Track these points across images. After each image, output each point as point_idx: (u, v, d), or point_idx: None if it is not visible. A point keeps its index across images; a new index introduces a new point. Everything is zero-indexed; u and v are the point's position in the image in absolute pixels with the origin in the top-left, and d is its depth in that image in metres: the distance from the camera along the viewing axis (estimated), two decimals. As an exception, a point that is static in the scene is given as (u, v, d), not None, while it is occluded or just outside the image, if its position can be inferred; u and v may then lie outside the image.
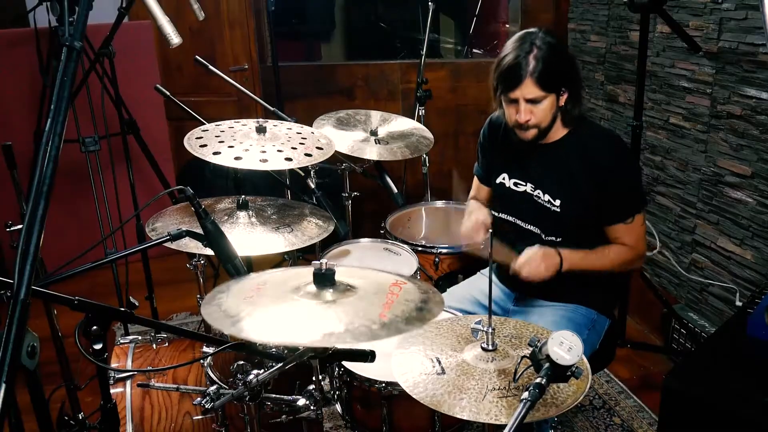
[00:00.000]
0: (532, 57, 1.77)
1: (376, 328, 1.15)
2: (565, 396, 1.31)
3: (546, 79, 1.78)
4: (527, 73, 1.77)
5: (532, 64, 1.77)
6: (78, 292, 1.22)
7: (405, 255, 2.41)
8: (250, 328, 1.16)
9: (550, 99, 1.81)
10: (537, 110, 1.82)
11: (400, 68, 3.99)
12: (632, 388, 2.69)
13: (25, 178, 3.17)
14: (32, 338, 1.05)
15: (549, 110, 1.83)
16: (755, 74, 2.42)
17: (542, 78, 1.77)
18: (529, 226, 1.97)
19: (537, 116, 1.83)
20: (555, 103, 1.83)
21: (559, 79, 1.82)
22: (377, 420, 1.76)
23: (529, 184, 1.96)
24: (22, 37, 3.27)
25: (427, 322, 1.23)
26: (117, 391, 1.81)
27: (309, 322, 1.19)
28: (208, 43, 3.84)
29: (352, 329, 1.14)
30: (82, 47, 0.95)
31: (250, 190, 2.08)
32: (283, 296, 1.29)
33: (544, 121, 1.84)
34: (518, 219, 2.00)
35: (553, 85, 1.80)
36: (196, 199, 1.44)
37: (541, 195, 1.92)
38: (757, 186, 2.45)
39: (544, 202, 1.91)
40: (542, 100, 1.81)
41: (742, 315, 1.75)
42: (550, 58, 1.77)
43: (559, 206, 1.89)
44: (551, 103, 1.82)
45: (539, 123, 1.85)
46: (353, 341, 1.12)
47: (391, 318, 1.19)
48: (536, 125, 1.85)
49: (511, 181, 2.01)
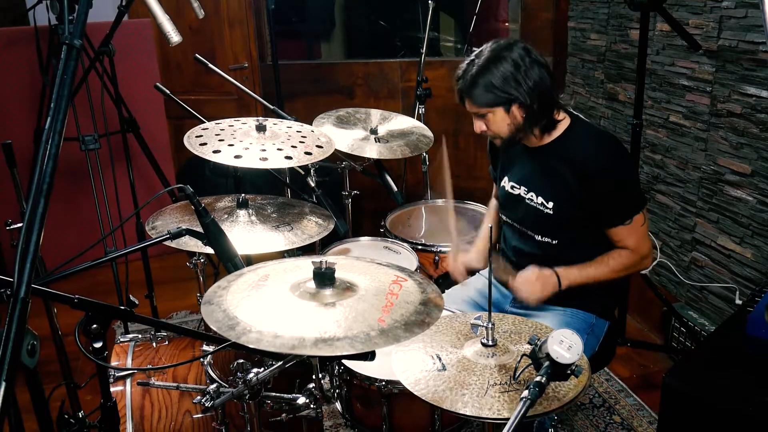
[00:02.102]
0: (470, 75, 1.81)
1: (375, 335, 1.15)
2: (566, 390, 1.31)
3: (480, 96, 1.80)
4: (463, 91, 1.83)
5: (467, 81, 1.81)
6: (78, 290, 1.22)
7: (405, 253, 2.41)
8: (246, 335, 1.16)
9: (498, 112, 1.81)
10: (489, 123, 1.84)
11: (400, 67, 3.98)
12: (632, 387, 2.69)
13: (25, 176, 3.17)
14: (32, 337, 1.05)
15: (502, 122, 1.83)
16: (755, 72, 2.41)
17: (476, 95, 1.80)
18: (525, 229, 1.98)
19: (491, 128, 1.85)
20: (506, 115, 1.82)
21: (498, 95, 1.79)
22: (377, 418, 1.76)
23: (523, 188, 1.96)
24: (22, 36, 3.27)
25: (426, 328, 1.22)
26: (117, 389, 1.81)
27: (307, 327, 1.18)
28: (208, 41, 3.84)
29: (351, 336, 1.14)
30: (82, 46, 0.95)
31: (249, 188, 2.08)
32: (281, 296, 1.29)
33: (501, 132, 1.85)
34: (516, 222, 2.01)
35: (491, 102, 1.80)
36: (196, 197, 1.44)
37: (534, 198, 1.93)
38: (757, 184, 2.45)
39: (538, 205, 1.91)
40: (488, 114, 1.82)
41: (742, 313, 1.74)
42: (485, 77, 1.78)
43: (552, 209, 1.88)
44: (501, 116, 1.82)
45: (497, 134, 1.86)
46: (351, 350, 1.12)
47: (390, 324, 1.18)
48: (495, 136, 1.87)
49: (509, 183, 2.02)
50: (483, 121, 1.85)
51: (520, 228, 2.00)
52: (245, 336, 1.15)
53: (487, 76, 1.78)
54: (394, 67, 3.99)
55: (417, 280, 1.41)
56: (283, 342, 1.13)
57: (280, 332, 1.16)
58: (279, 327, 1.18)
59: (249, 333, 1.16)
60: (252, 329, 1.17)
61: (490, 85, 1.78)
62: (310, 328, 1.17)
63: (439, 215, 2.86)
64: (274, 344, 1.13)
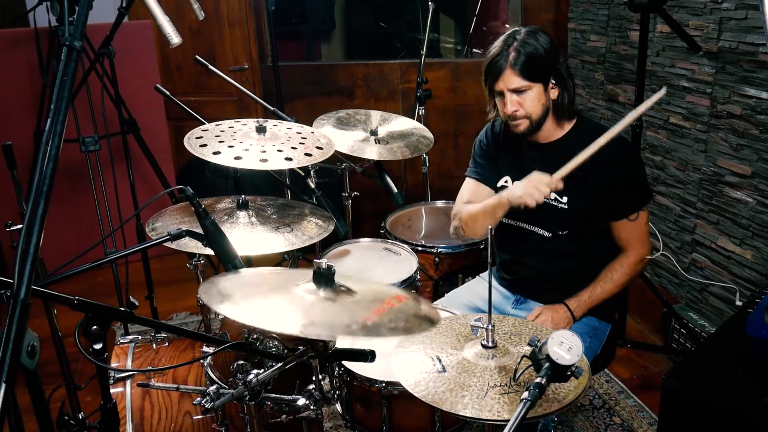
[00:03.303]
0: (512, 49, 1.81)
1: (356, 328, 1.14)
2: (566, 391, 1.31)
3: (526, 67, 1.80)
4: (507, 63, 1.81)
5: (512, 55, 1.81)
6: (78, 291, 1.22)
7: (405, 255, 2.41)
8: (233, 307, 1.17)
9: (536, 89, 1.83)
10: (524, 101, 1.84)
11: (400, 68, 3.99)
12: (632, 388, 2.69)
13: (25, 177, 3.17)
14: (32, 338, 1.05)
15: (537, 101, 1.84)
16: (755, 74, 2.42)
17: (522, 67, 1.80)
18: (534, 228, 1.97)
19: (525, 107, 1.84)
20: (543, 93, 1.85)
21: (541, 68, 1.83)
22: (377, 420, 1.76)
23: None
24: (22, 37, 3.28)
25: (410, 333, 1.22)
26: (117, 390, 1.81)
27: (293, 311, 1.18)
28: (208, 42, 3.84)
29: (329, 324, 1.14)
30: (82, 47, 0.95)
31: (249, 189, 2.08)
32: (280, 286, 1.29)
33: (533, 112, 1.85)
34: (521, 222, 1.99)
35: (535, 75, 1.82)
36: (196, 198, 1.44)
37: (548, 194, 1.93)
38: (757, 186, 2.45)
39: (551, 201, 1.91)
40: (527, 90, 1.83)
41: (742, 315, 1.74)
42: (530, 48, 1.81)
43: (566, 203, 1.89)
44: (538, 93, 1.84)
45: (529, 114, 1.86)
46: (328, 334, 1.11)
47: (375, 323, 1.17)
48: (526, 116, 1.86)
49: (513, 184, 2.00)
50: (519, 98, 1.84)
51: (528, 228, 1.98)
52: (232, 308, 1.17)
53: (532, 49, 1.81)
54: (394, 68, 3.99)
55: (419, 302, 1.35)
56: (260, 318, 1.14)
57: (265, 312, 1.17)
58: (264, 308, 1.18)
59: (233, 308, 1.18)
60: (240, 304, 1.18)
61: (536, 57, 1.81)
62: (294, 314, 1.18)
63: (439, 216, 2.86)
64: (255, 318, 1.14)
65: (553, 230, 1.93)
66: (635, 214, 1.88)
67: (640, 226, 1.90)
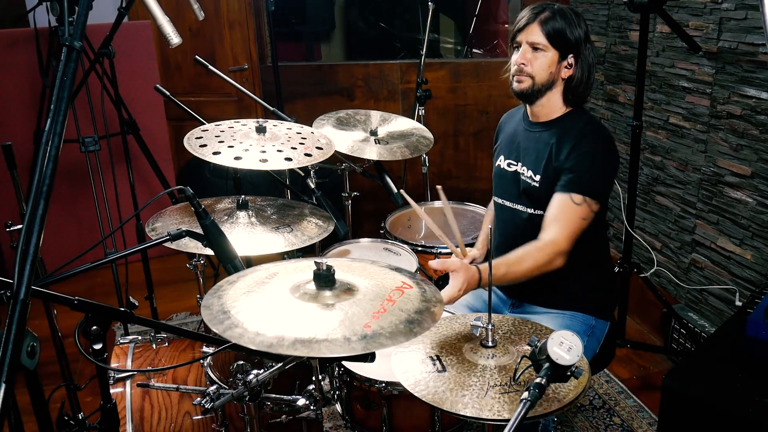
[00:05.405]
0: (549, 9, 1.86)
1: (355, 341, 1.13)
2: (566, 391, 1.31)
3: (551, 28, 1.84)
4: (537, 19, 1.85)
5: (546, 13, 1.85)
6: (78, 292, 1.22)
7: (405, 255, 2.41)
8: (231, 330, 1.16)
9: (551, 55, 1.85)
10: (535, 59, 1.86)
11: (400, 68, 3.99)
12: (632, 388, 2.69)
13: (25, 178, 3.17)
14: (32, 338, 1.05)
15: (547, 66, 1.86)
16: (755, 74, 2.42)
17: (548, 26, 1.84)
18: (516, 205, 2.00)
19: (534, 66, 1.86)
20: (556, 64, 1.86)
21: (565, 39, 1.85)
22: (377, 420, 1.76)
23: (520, 163, 1.99)
24: (22, 37, 3.28)
25: (413, 337, 1.20)
26: (117, 391, 1.81)
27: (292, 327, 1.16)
28: (207, 43, 3.84)
29: (331, 339, 1.13)
30: (82, 47, 0.95)
31: (249, 190, 2.08)
32: (280, 296, 1.29)
33: (539, 75, 1.87)
34: (506, 200, 2.04)
35: (556, 40, 1.84)
36: (196, 198, 1.44)
37: (525, 171, 1.96)
38: (757, 186, 2.45)
39: (527, 178, 1.94)
40: (543, 51, 1.85)
41: (741, 315, 1.75)
42: (564, 17, 1.85)
43: (538, 182, 1.91)
44: (551, 59, 1.86)
45: (533, 74, 1.87)
46: (328, 353, 1.11)
47: (376, 330, 1.17)
48: (530, 75, 1.87)
49: (505, 162, 2.04)
50: (532, 55, 1.86)
51: (511, 206, 2.01)
52: (230, 331, 1.16)
53: (565, 20, 1.85)
54: (394, 68, 3.99)
55: (422, 288, 1.35)
56: (262, 340, 1.12)
57: (263, 331, 1.15)
58: (265, 326, 1.17)
59: (234, 328, 1.16)
60: (239, 325, 1.17)
61: (566, 27, 1.84)
62: (294, 328, 1.16)
63: (438, 217, 2.86)
64: (254, 341, 1.12)
65: (532, 207, 1.94)
66: (567, 192, 1.81)
67: (568, 208, 1.80)
